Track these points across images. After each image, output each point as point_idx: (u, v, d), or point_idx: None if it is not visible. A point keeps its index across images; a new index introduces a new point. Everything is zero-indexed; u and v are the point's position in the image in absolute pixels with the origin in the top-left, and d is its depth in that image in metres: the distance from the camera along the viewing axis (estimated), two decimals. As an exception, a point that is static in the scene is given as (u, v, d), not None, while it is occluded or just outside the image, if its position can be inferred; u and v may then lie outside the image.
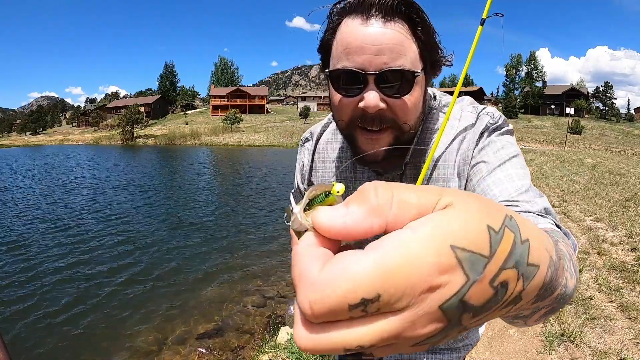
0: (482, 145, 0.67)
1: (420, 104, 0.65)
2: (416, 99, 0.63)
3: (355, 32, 0.59)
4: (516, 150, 0.66)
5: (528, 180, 0.62)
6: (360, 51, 0.59)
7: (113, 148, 40.89)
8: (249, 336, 3.86)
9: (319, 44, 0.68)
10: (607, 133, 46.57)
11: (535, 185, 0.61)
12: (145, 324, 4.16)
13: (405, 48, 0.59)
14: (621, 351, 2.33)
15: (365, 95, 0.60)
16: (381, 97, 0.60)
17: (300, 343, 0.21)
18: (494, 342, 2.62)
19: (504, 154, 0.65)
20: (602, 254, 4.03)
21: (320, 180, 0.85)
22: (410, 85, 0.61)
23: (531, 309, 0.30)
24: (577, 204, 6.59)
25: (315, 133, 0.87)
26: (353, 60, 0.59)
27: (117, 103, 78.92)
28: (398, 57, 0.59)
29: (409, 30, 0.60)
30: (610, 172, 10.89)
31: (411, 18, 0.60)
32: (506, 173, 0.62)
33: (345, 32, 0.61)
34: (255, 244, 6.89)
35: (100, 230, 7.86)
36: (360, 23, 0.59)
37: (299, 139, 0.91)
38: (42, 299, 4.77)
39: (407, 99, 0.61)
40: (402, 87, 0.61)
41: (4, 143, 58.07)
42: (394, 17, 0.59)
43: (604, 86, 77.92)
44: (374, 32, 0.58)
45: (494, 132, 0.68)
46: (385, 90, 0.60)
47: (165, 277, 5.43)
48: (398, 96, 0.61)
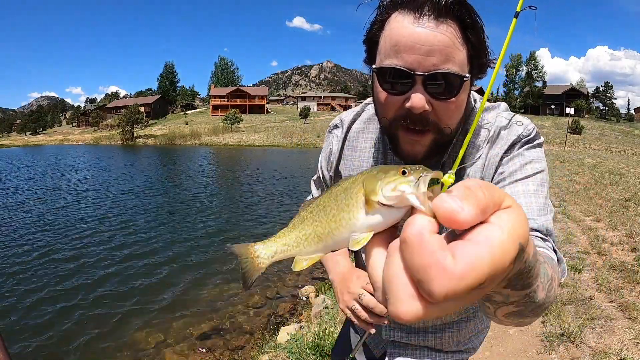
0: (512, 156, 0.68)
1: (463, 108, 0.65)
2: (461, 103, 0.63)
3: (406, 29, 0.58)
4: (542, 166, 0.68)
5: (542, 199, 0.64)
6: (410, 50, 0.57)
7: (113, 148, 40.88)
8: (249, 336, 3.86)
9: (365, 36, 0.66)
10: (607, 133, 46.55)
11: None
12: (146, 323, 4.16)
13: (455, 51, 0.58)
14: (621, 351, 2.32)
15: (412, 95, 0.59)
16: (427, 99, 0.59)
17: (410, 317, 0.25)
18: (494, 342, 2.62)
19: (529, 168, 0.67)
20: (602, 254, 4.03)
21: (349, 169, 0.83)
22: (457, 89, 0.60)
23: (502, 294, 0.37)
24: (577, 204, 6.59)
25: (346, 121, 0.85)
26: (402, 58, 0.58)
27: (117, 103, 78.92)
28: (448, 59, 0.58)
29: (460, 32, 0.59)
30: (610, 172, 10.89)
31: (463, 19, 0.59)
32: (525, 188, 0.65)
33: (395, 28, 0.59)
34: (255, 244, 6.88)
35: (100, 231, 7.86)
36: (412, 21, 0.58)
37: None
38: (41, 299, 4.77)
39: (452, 102, 0.61)
40: (449, 91, 0.60)
41: (4, 143, 58.08)
42: (446, 18, 0.57)
43: (604, 86, 77.96)
44: (425, 31, 0.57)
45: (525, 145, 0.69)
46: (431, 92, 0.59)
47: (165, 277, 5.43)
48: (444, 99, 0.60)
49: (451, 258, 0.24)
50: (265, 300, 4.67)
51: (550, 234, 0.62)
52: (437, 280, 0.23)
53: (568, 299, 3.02)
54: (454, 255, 0.24)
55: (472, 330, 0.91)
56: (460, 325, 0.89)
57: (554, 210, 0.67)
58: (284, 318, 4.15)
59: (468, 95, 0.67)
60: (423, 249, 0.24)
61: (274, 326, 3.90)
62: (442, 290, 0.23)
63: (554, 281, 0.48)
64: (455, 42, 0.58)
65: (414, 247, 0.25)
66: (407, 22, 0.58)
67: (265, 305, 4.53)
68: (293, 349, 2.78)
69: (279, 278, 5.30)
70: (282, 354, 2.87)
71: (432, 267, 0.24)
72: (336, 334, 2.72)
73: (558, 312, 2.80)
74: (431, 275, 0.24)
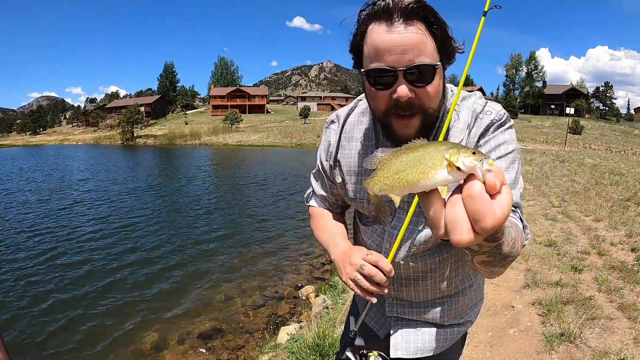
0: (487, 139, 0.81)
1: (440, 91, 0.77)
2: (437, 87, 0.75)
3: (382, 36, 0.70)
4: (513, 147, 0.81)
5: (512, 175, 0.79)
6: (389, 52, 0.70)
7: (113, 148, 40.87)
8: (249, 336, 3.86)
9: (350, 47, 0.78)
10: (607, 133, 46.53)
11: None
12: (146, 324, 4.16)
13: (425, 45, 0.70)
14: (621, 351, 2.32)
15: (398, 88, 0.72)
16: (410, 88, 0.72)
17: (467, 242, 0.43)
18: (494, 342, 2.62)
19: (502, 149, 0.80)
20: (602, 254, 4.03)
21: (346, 157, 0.94)
22: (432, 76, 0.73)
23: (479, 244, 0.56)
24: (577, 204, 6.59)
25: (341, 116, 0.97)
26: (384, 60, 0.71)
27: (117, 103, 78.87)
28: (420, 53, 0.70)
29: (426, 29, 0.71)
30: (610, 172, 10.89)
31: (427, 19, 0.71)
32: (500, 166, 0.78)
33: (374, 37, 0.72)
34: (255, 244, 6.89)
35: (100, 231, 7.86)
36: (386, 29, 0.70)
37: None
38: (41, 299, 4.77)
39: (430, 87, 0.73)
40: (425, 78, 0.72)
41: (4, 143, 58.05)
42: (414, 20, 0.70)
43: (604, 86, 77.87)
44: (398, 35, 0.69)
45: (498, 129, 0.82)
46: (412, 81, 0.72)
47: (166, 277, 5.43)
48: (422, 86, 0.73)
49: (494, 205, 0.42)
50: (265, 300, 4.67)
51: (518, 206, 0.77)
52: (490, 220, 0.41)
53: (568, 299, 3.01)
54: (497, 206, 0.42)
55: (468, 303, 1.01)
56: (457, 298, 0.97)
57: (523, 186, 0.81)
58: (284, 318, 4.15)
59: (443, 80, 0.79)
60: (483, 201, 0.42)
61: (274, 326, 3.90)
62: (490, 226, 0.42)
63: (516, 242, 0.64)
64: (424, 39, 0.70)
65: (477, 200, 0.42)
66: (383, 31, 0.70)
67: (265, 305, 4.53)
68: (293, 349, 2.78)
69: (279, 278, 5.31)
70: (282, 354, 2.87)
71: (488, 213, 0.41)
72: (336, 334, 2.72)
73: (558, 312, 2.80)
74: (487, 217, 0.41)
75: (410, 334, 0.99)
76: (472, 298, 1.01)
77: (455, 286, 0.95)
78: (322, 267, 5.69)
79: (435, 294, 0.95)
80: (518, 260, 4.02)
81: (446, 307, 0.97)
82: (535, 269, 3.72)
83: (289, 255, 6.28)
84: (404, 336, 0.99)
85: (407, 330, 0.99)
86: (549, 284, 3.34)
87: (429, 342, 0.98)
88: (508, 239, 0.60)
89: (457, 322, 1.00)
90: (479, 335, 2.71)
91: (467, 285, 0.98)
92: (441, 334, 0.99)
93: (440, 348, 0.99)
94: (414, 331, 0.99)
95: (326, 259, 6.00)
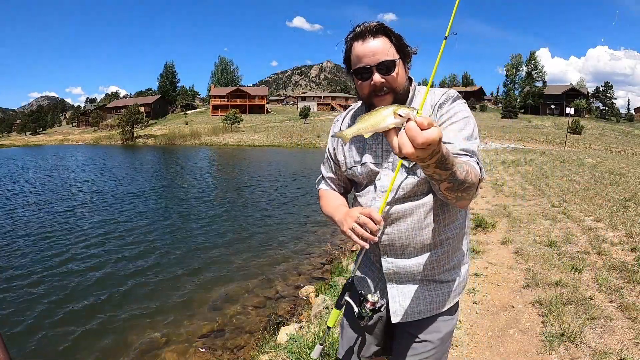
0: (444, 110, 1.12)
1: (404, 77, 1.14)
2: (399, 74, 1.12)
3: (360, 47, 1.10)
4: (467, 114, 1.11)
5: (466, 132, 1.08)
6: (365, 57, 1.09)
7: (113, 148, 40.87)
8: (249, 336, 3.86)
9: (344, 59, 1.17)
10: (607, 133, 46.51)
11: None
12: (146, 324, 4.16)
13: (387, 49, 1.09)
14: (621, 351, 2.32)
15: (374, 77, 1.09)
16: (381, 75, 1.09)
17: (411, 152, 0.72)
18: (494, 342, 2.62)
19: (459, 115, 1.11)
20: (602, 254, 4.03)
21: (347, 144, 1.27)
22: (394, 67, 1.10)
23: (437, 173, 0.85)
24: (577, 204, 6.59)
25: (344, 113, 1.37)
26: (363, 61, 1.10)
27: (117, 103, 78.82)
28: (384, 54, 1.08)
29: (387, 39, 1.10)
30: (610, 172, 10.89)
31: (387, 33, 1.10)
32: (456, 127, 1.09)
33: (355, 49, 1.11)
34: (255, 244, 6.89)
35: (100, 231, 7.86)
36: (362, 43, 1.10)
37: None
38: (42, 298, 4.77)
39: (394, 74, 1.10)
40: (390, 69, 1.09)
41: (4, 143, 58.03)
42: (378, 35, 1.09)
43: (604, 86, 77.80)
44: (369, 45, 1.09)
45: (454, 102, 1.14)
46: (382, 72, 1.09)
47: (165, 277, 5.43)
48: (389, 74, 1.10)
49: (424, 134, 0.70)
50: (265, 300, 4.67)
51: (474, 154, 1.05)
52: (420, 139, 0.70)
53: (568, 299, 3.01)
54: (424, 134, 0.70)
55: (451, 257, 1.21)
56: (439, 250, 1.19)
57: (478, 142, 1.09)
58: (284, 318, 4.15)
59: (405, 71, 1.15)
60: (415, 130, 0.70)
61: (274, 326, 3.90)
62: (421, 142, 0.70)
63: (469, 173, 0.92)
64: (386, 45, 1.09)
65: (411, 129, 0.71)
66: (360, 44, 1.10)
67: (265, 305, 4.53)
68: (293, 349, 2.78)
69: (279, 278, 5.31)
70: (282, 354, 2.87)
71: (418, 135, 0.70)
72: (336, 334, 2.72)
73: (558, 312, 2.80)
74: (417, 138, 0.70)
75: (406, 299, 1.20)
76: (454, 252, 1.22)
77: (434, 236, 1.17)
78: (322, 267, 5.69)
79: (417, 240, 1.16)
80: (518, 261, 4.02)
81: (433, 259, 1.18)
82: (535, 269, 3.72)
83: (289, 255, 6.28)
84: (401, 303, 1.20)
85: (402, 291, 1.21)
86: (549, 284, 3.34)
87: (423, 304, 1.20)
88: (460, 169, 0.89)
89: (447, 279, 1.22)
90: (479, 335, 2.71)
91: (445, 237, 1.18)
92: (433, 292, 1.21)
93: (434, 309, 1.21)
94: (408, 292, 1.20)
95: (326, 259, 6.00)
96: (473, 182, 0.94)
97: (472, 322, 2.91)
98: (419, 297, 1.20)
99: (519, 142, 31.57)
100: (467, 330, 2.79)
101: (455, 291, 1.24)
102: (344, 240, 6.99)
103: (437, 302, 1.21)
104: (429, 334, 1.21)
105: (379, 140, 1.18)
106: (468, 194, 0.96)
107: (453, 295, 1.23)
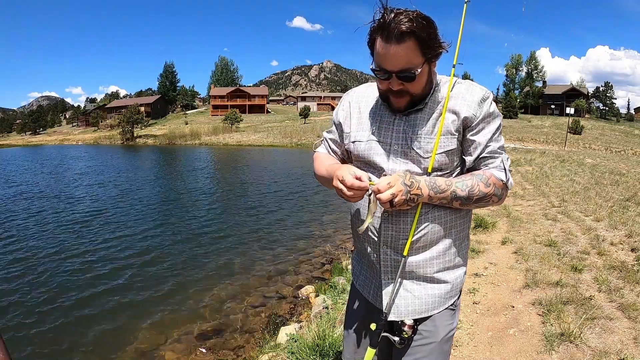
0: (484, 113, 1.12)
1: (423, 84, 1.09)
2: (419, 82, 1.07)
3: (383, 48, 1.02)
4: (498, 113, 1.16)
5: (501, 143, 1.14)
6: (386, 62, 1.04)
7: (113, 148, 40.86)
8: (249, 336, 3.86)
9: (368, 43, 1.08)
10: (607, 133, 46.50)
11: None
12: (146, 323, 4.16)
13: (411, 57, 1.01)
14: (621, 351, 2.32)
15: (391, 82, 1.07)
16: (399, 83, 1.06)
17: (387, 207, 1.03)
18: (494, 342, 2.62)
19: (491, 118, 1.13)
20: (602, 254, 4.03)
21: (358, 119, 1.25)
22: (413, 77, 1.05)
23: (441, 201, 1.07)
24: (577, 204, 6.59)
25: (355, 90, 1.33)
26: (384, 64, 1.04)
27: (117, 103, 78.84)
28: (407, 63, 1.02)
29: (415, 43, 0.99)
30: (610, 172, 10.89)
31: (418, 36, 0.98)
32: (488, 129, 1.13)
33: (378, 45, 1.04)
34: (255, 244, 6.89)
35: (100, 231, 7.86)
36: (385, 45, 1.01)
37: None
38: (42, 298, 4.77)
39: (412, 83, 1.06)
40: (409, 78, 1.05)
41: (4, 143, 58.03)
42: (404, 40, 0.99)
43: (604, 86, 77.85)
44: (392, 51, 1.01)
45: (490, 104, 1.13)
46: (401, 79, 1.05)
47: (165, 277, 5.43)
48: (407, 82, 1.06)
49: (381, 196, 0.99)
50: (265, 300, 4.67)
51: (499, 154, 1.11)
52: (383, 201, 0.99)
53: (568, 299, 3.01)
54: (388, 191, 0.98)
55: (451, 257, 1.19)
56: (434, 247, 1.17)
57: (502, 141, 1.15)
58: (284, 318, 4.15)
59: (428, 75, 1.09)
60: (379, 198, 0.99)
61: (274, 326, 3.90)
62: (384, 202, 1.00)
63: (474, 187, 1.05)
64: (410, 52, 1.00)
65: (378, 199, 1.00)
66: (383, 45, 1.02)
67: (265, 305, 4.53)
68: (293, 349, 2.78)
69: (279, 278, 5.31)
70: (282, 354, 2.87)
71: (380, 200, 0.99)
72: (336, 334, 2.72)
73: (558, 312, 2.80)
74: (381, 201, 1.00)
75: (402, 297, 1.19)
76: (455, 252, 1.20)
77: (437, 233, 1.16)
78: (322, 267, 5.69)
79: (418, 237, 1.15)
80: (518, 260, 4.02)
81: (428, 255, 1.17)
82: (535, 269, 3.72)
83: (289, 255, 6.28)
84: (396, 300, 1.19)
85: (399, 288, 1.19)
86: (549, 284, 3.34)
87: (419, 303, 1.18)
88: (462, 187, 1.04)
89: (444, 278, 1.19)
90: (479, 335, 2.71)
91: (446, 236, 1.17)
92: (430, 291, 1.18)
93: (430, 309, 1.18)
94: (404, 290, 1.19)
95: (326, 259, 6.00)
96: (484, 194, 1.05)
97: (472, 322, 2.91)
98: (416, 296, 1.18)
99: (519, 142, 31.57)
100: (467, 330, 2.79)
101: (452, 292, 1.22)
102: (344, 240, 6.99)
103: (433, 302, 1.19)
104: (428, 337, 1.20)
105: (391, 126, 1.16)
106: (486, 203, 1.07)
107: (450, 295, 1.21)
